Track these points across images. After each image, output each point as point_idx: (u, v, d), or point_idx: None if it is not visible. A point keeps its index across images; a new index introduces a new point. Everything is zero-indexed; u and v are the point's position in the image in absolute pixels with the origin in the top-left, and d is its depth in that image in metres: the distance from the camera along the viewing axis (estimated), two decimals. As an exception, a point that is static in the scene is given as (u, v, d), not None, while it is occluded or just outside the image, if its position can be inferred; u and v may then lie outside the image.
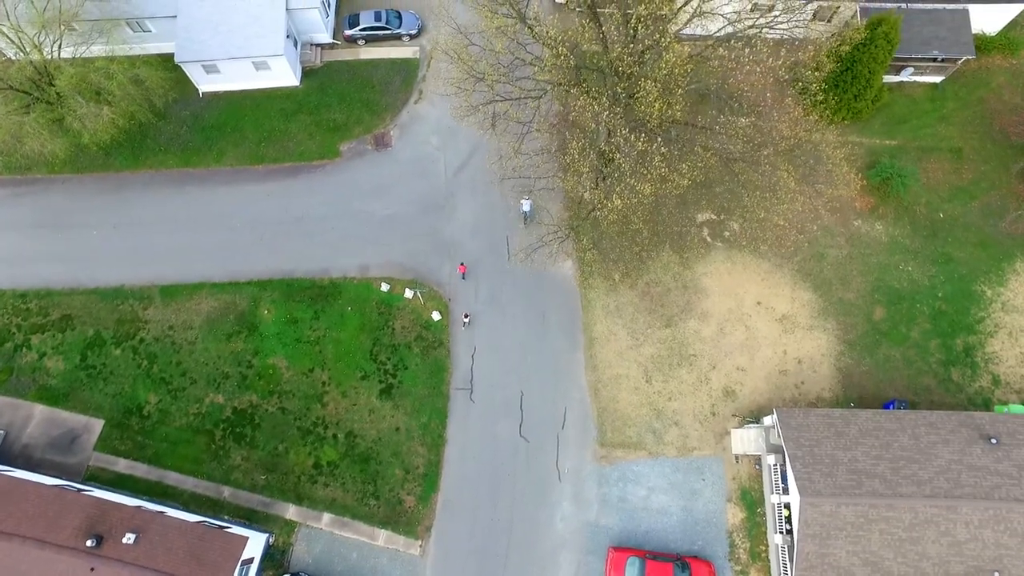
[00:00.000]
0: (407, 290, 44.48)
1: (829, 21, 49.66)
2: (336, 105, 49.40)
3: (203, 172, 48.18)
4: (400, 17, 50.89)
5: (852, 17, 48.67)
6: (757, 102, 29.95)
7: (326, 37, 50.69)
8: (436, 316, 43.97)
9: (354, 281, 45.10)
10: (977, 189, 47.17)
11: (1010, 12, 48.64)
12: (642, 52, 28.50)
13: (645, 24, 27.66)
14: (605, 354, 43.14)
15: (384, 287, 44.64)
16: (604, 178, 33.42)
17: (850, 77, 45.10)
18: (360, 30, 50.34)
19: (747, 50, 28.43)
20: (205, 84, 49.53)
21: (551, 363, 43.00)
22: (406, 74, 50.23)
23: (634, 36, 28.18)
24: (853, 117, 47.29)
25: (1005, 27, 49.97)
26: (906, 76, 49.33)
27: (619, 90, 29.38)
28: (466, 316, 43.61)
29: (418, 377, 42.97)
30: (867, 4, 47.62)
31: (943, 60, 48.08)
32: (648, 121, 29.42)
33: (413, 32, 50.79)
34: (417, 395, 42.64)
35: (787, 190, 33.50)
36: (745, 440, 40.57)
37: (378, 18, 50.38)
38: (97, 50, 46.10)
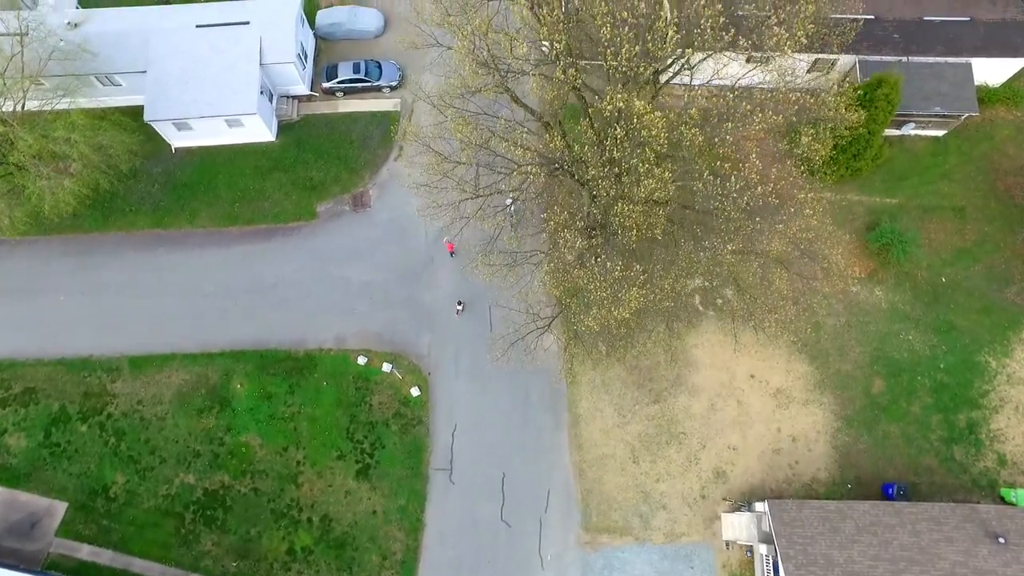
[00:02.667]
0: (385, 364, 42.63)
1: (827, 73, 47.75)
2: (313, 162, 47.48)
3: (175, 234, 46.30)
4: (380, 68, 48.87)
5: (851, 70, 46.76)
6: (748, 195, 27.90)
7: (303, 89, 48.71)
8: (415, 392, 42.12)
9: (330, 353, 43.25)
10: (980, 251, 45.20)
11: (1014, 66, 46.59)
12: (619, 175, 26.60)
13: (622, 147, 25.74)
14: (590, 432, 41.32)
15: (361, 360, 42.79)
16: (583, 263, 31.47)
17: (849, 136, 43.03)
18: (338, 82, 48.35)
19: (729, 169, 26.57)
20: (177, 140, 47.63)
21: (534, 442, 41.20)
22: (386, 128, 48.24)
23: (611, 160, 26.29)
24: (852, 176, 45.32)
25: (1009, 78, 47.89)
26: (908, 131, 47.32)
27: (595, 211, 27.54)
28: (460, 304, 42.23)
29: (396, 457, 41.18)
30: (866, 57, 45.65)
31: (945, 115, 46.05)
32: (626, 243, 27.62)
33: (394, 84, 48.79)
34: (395, 476, 40.85)
35: (780, 295, 31.67)
36: (736, 526, 38.72)
37: (357, 69, 48.36)
38: (66, 103, 44.20)
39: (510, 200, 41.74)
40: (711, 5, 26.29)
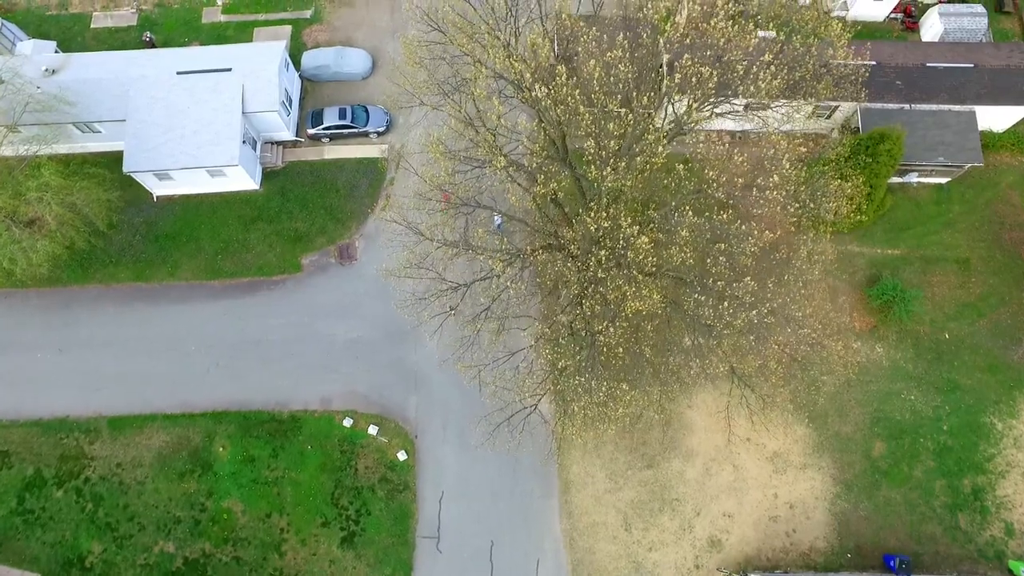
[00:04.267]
0: (371, 426, 41.39)
1: (829, 118, 46.39)
2: (298, 212, 46.15)
3: (156, 287, 45.00)
4: (367, 112, 47.48)
5: (852, 115, 45.38)
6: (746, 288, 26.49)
7: (288, 135, 47.33)
8: (402, 456, 40.88)
9: (315, 415, 41.98)
10: (985, 305, 43.86)
11: (1019, 113, 45.21)
12: (604, 296, 25.24)
13: (606, 269, 24.37)
14: (581, 499, 40.04)
15: (347, 422, 41.55)
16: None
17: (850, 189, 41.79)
18: (324, 128, 46.98)
19: (723, 288, 25.17)
20: (158, 188, 46.32)
21: (523, 509, 39.93)
22: (373, 176, 46.90)
23: (595, 279, 24.90)
24: (853, 227, 43.89)
25: (1015, 124, 46.49)
26: (911, 179, 45.93)
27: (578, 325, 26.29)
28: (451, 309, 40.71)
29: (382, 524, 39.92)
30: (868, 105, 44.25)
31: (949, 166, 44.65)
32: (612, 362, 26.37)
33: (381, 129, 47.41)
34: (381, 544, 39.59)
35: (776, 386, 30.40)
36: (733, 599, 37.55)
37: (343, 115, 46.94)
38: (44, 151, 42.97)
39: (498, 219, 39.83)
40: (711, 118, 24.91)
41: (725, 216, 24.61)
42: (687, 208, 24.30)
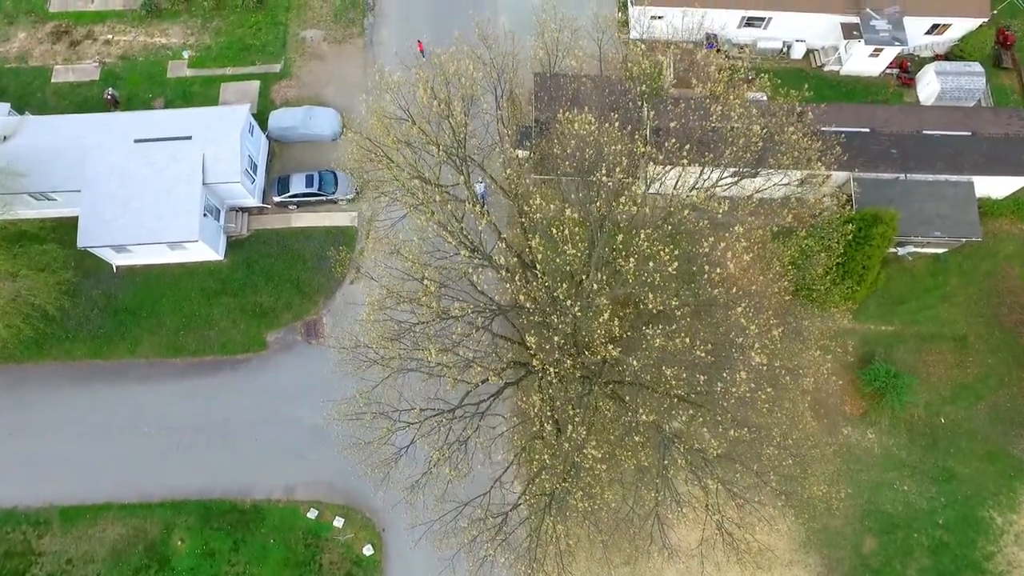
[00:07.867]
0: (337, 518, 39.42)
1: (822, 185, 44.23)
2: (263, 285, 44.02)
3: (115, 365, 42.91)
4: (336, 178, 45.29)
5: (845, 183, 43.28)
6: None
7: (254, 202, 45.16)
8: (368, 551, 38.92)
9: (279, 504, 40.01)
10: (983, 387, 41.82)
11: (1017, 183, 43.14)
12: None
13: (550, 470, 22.24)
14: (557, 600, 38.00)
15: (312, 514, 39.58)
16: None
17: (842, 272, 39.80)
18: (290, 196, 44.83)
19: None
20: (117, 259, 44.21)
21: (496, 611, 37.91)
22: (342, 246, 44.73)
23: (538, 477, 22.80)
24: (845, 304, 41.84)
25: (1015, 191, 44.38)
26: (906, 251, 43.80)
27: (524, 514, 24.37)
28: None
29: (346, 626, 38.01)
30: (861, 175, 42.16)
31: (947, 239, 42.54)
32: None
33: (350, 196, 45.27)
34: (345, 648, 37.70)
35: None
36: None
37: (310, 183, 44.71)
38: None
39: (481, 187, 36.80)
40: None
41: (685, 417, 22.62)
42: (640, 410, 22.12)
